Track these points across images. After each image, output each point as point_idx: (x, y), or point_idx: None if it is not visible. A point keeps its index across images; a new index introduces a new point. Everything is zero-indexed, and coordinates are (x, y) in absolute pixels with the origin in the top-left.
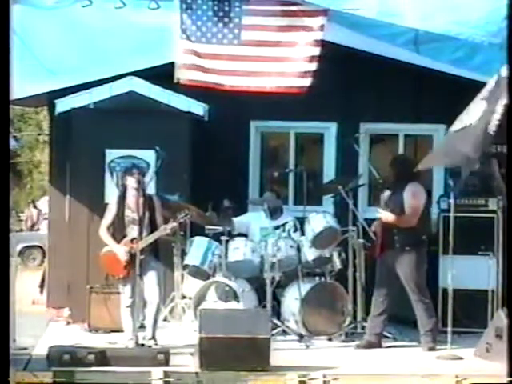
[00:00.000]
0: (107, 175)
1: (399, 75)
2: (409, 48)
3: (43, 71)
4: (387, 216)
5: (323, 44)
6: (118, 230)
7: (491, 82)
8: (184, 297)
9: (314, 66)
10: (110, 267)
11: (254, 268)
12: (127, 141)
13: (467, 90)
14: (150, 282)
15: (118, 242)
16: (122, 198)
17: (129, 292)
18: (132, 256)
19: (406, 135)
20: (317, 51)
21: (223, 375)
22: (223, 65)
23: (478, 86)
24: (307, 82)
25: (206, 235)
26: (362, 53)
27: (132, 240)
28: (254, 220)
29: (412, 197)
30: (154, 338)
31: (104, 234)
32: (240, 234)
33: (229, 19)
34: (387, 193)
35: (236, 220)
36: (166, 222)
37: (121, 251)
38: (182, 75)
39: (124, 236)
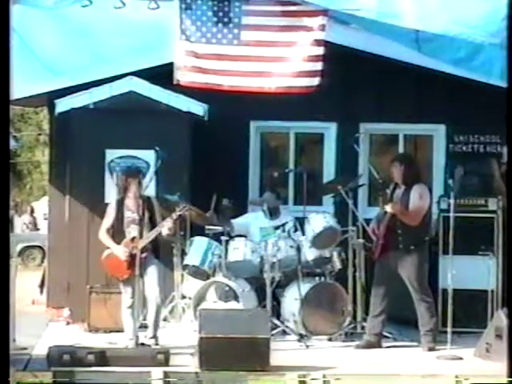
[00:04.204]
0: (107, 175)
1: (399, 75)
2: (410, 46)
3: (43, 71)
4: (392, 208)
5: (323, 44)
6: (118, 232)
7: None
8: (184, 297)
9: (314, 66)
10: (113, 269)
11: (253, 268)
12: (127, 141)
13: (467, 90)
14: (151, 280)
15: (119, 243)
16: (121, 201)
17: (130, 292)
18: (133, 256)
19: (406, 135)
20: (317, 51)
21: (223, 375)
22: (223, 65)
23: (478, 86)
24: (307, 82)
25: (206, 235)
26: (362, 53)
27: (132, 239)
28: (254, 220)
29: (419, 197)
30: (155, 336)
31: (104, 236)
32: (240, 235)
33: (228, 19)
34: (396, 190)
35: (235, 222)
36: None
37: (122, 252)
38: (182, 77)
39: (124, 237)
